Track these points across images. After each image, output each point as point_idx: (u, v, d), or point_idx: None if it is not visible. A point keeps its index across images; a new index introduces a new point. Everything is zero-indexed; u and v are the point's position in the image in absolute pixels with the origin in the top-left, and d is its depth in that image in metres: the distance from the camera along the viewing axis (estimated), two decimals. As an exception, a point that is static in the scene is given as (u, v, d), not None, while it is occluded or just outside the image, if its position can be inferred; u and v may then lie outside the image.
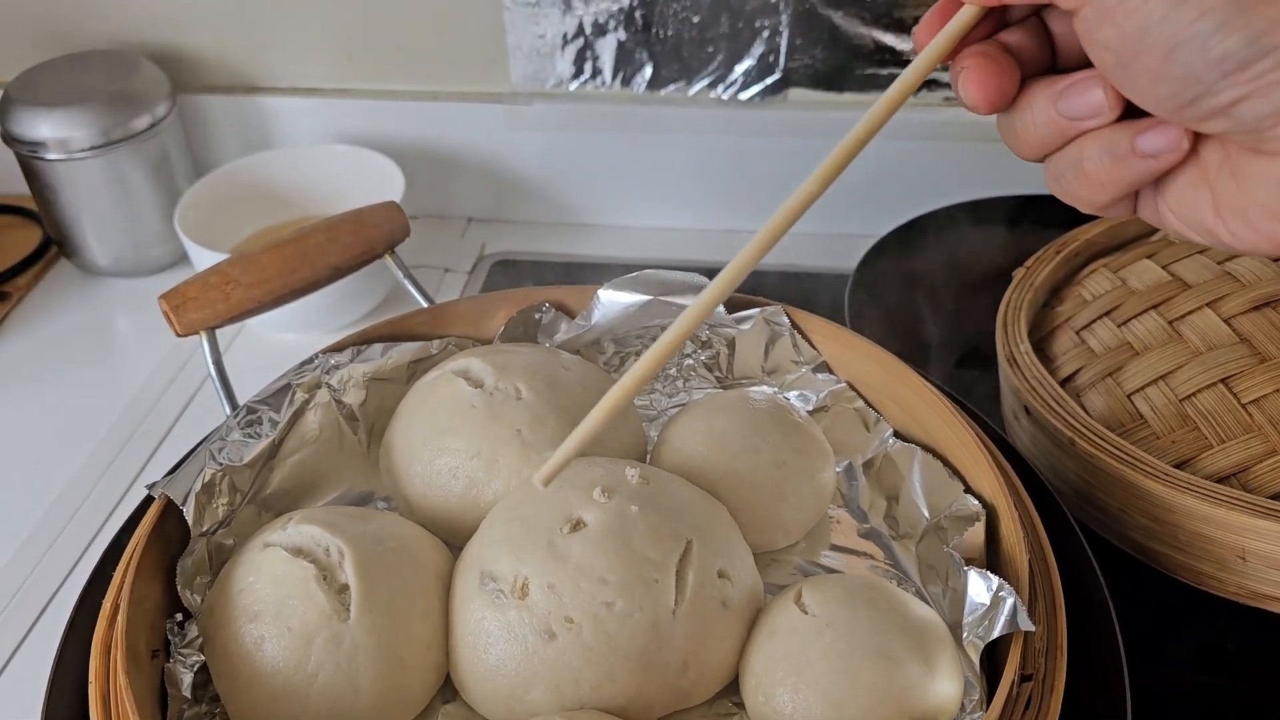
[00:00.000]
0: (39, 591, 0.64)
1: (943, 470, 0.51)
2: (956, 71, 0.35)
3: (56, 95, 0.82)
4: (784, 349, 0.58)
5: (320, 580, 0.44)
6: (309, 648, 0.43)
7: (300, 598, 0.44)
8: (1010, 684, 0.39)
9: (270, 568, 0.45)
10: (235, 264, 0.59)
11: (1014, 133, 0.36)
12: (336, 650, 0.43)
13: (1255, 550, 0.49)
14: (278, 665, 0.43)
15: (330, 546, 0.46)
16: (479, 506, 0.50)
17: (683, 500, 0.48)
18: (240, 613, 0.44)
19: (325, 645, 0.43)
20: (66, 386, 0.80)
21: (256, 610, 0.44)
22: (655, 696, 0.44)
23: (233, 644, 0.44)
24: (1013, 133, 0.36)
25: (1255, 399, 0.53)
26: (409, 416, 0.54)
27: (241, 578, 0.46)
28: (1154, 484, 0.51)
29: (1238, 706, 0.53)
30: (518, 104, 0.88)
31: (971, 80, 0.35)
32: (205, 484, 0.48)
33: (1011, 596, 0.42)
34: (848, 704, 0.42)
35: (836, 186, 0.88)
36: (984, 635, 0.42)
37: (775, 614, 0.46)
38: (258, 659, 0.43)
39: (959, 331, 0.74)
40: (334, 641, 0.43)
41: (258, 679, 0.43)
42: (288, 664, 0.43)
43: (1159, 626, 0.54)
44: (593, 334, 0.59)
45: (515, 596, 0.44)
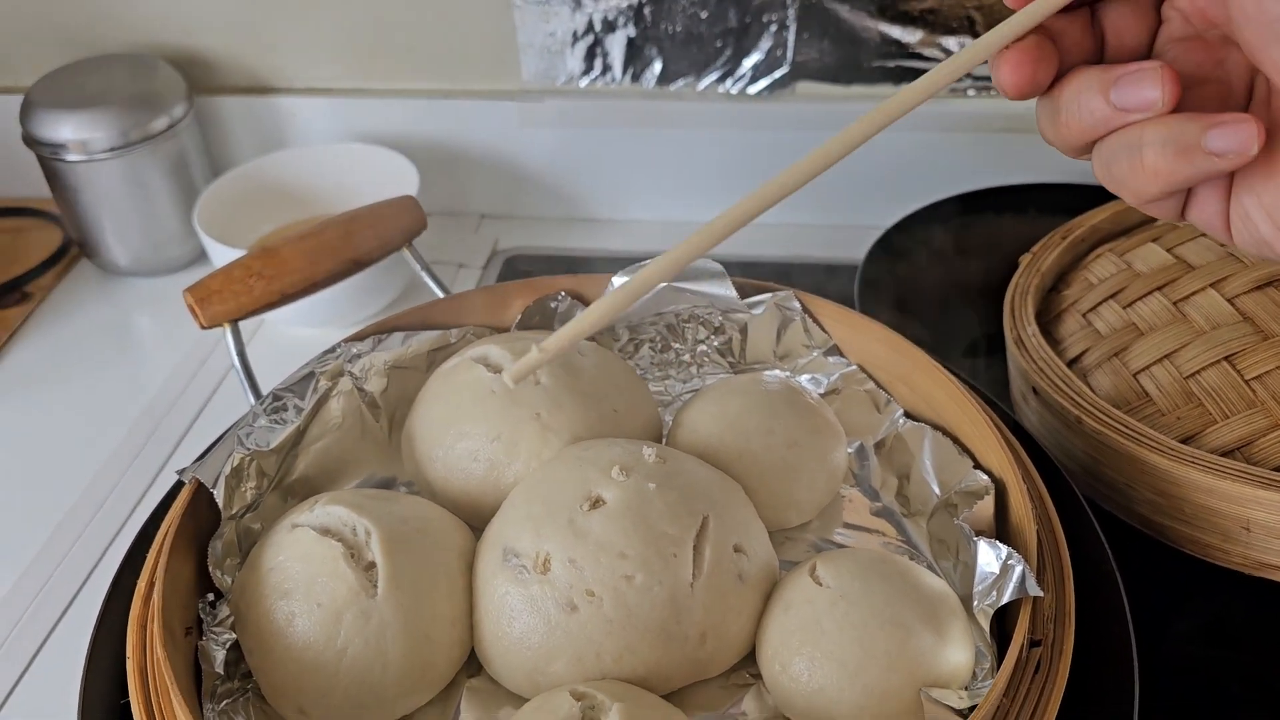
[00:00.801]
0: (68, 581, 0.65)
1: (952, 448, 0.52)
2: (994, 63, 0.35)
3: (76, 98, 0.84)
4: (795, 333, 0.59)
5: (348, 558, 0.46)
6: (338, 623, 0.44)
7: (329, 575, 0.45)
8: (1020, 647, 0.41)
9: (299, 547, 0.47)
10: (257, 258, 0.60)
11: (1056, 120, 0.35)
12: (365, 625, 0.45)
13: (1260, 521, 0.50)
14: (308, 640, 0.44)
15: (357, 526, 0.47)
16: (500, 488, 0.52)
17: (698, 478, 0.49)
18: (271, 590, 0.46)
19: (354, 620, 0.45)
20: (89, 384, 0.81)
21: (287, 588, 0.46)
22: (674, 667, 0.45)
23: (265, 621, 0.45)
24: (1054, 120, 0.35)
25: (1258, 375, 0.54)
26: (430, 403, 0.55)
27: (271, 557, 0.47)
28: (1160, 459, 0.52)
29: (1243, 677, 0.54)
30: (529, 101, 0.90)
31: (1007, 63, 0.34)
32: (234, 468, 0.50)
33: (1020, 564, 0.43)
34: (862, 671, 0.43)
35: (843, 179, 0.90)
36: (994, 602, 0.43)
37: (790, 587, 0.47)
38: (289, 634, 0.45)
39: (967, 319, 0.75)
40: (362, 617, 0.45)
41: (289, 653, 0.44)
42: (318, 639, 0.44)
43: (1166, 599, 0.55)
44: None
45: (537, 572, 0.45)
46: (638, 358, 0.62)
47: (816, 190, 0.93)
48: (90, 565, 0.66)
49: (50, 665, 0.61)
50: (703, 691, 0.47)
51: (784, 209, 0.98)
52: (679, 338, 0.62)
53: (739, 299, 0.59)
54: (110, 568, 0.51)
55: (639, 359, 0.62)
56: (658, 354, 0.62)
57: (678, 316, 0.61)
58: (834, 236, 0.89)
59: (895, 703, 0.43)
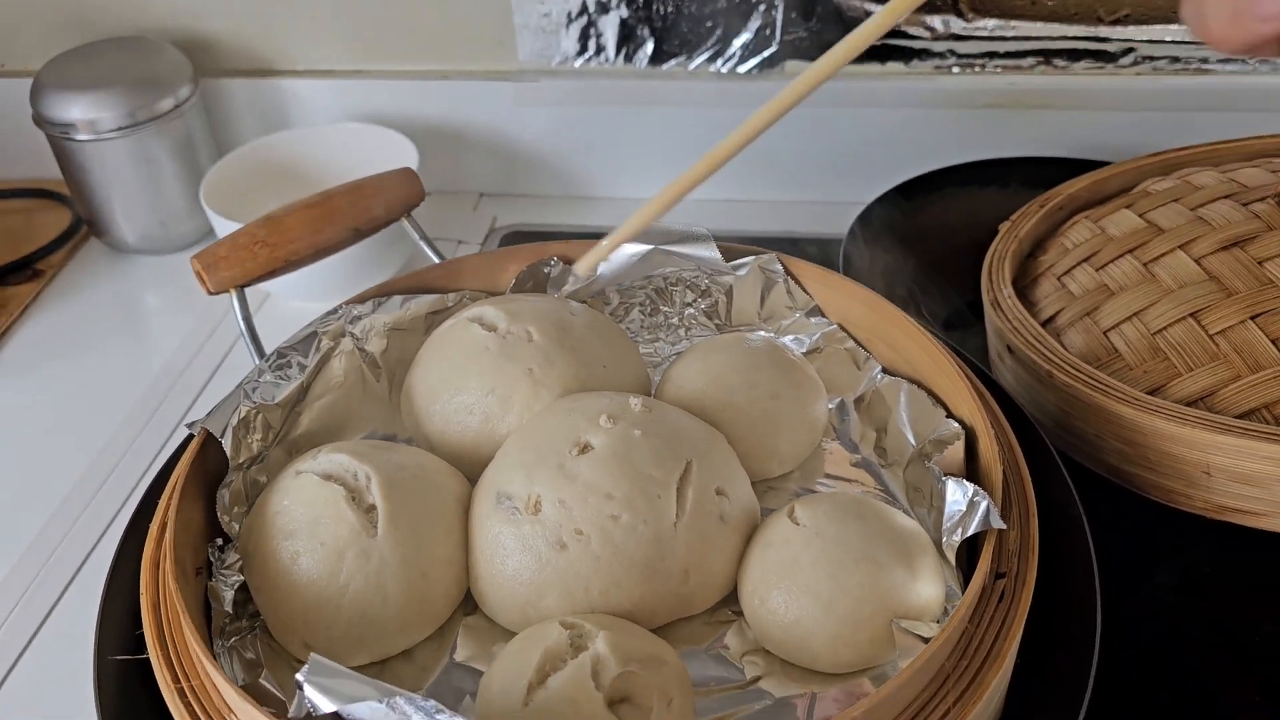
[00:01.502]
0: (80, 543, 0.68)
1: (927, 400, 0.54)
2: None
3: (85, 79, 0.86)
4: (779, 295, 0.62)
5: (349, 501, 0.48)
6: (340, 561, 0.47)
7: (331, 517, 0.48)
8: (984, 576, 0.43)
9: (303, 491, 0.49)
10: (262, 225, 0.63)
11: None
12: (366, 563, 0.47)
13: (1219, 465, 0.53)
14: (312, 577, 0.47)
15: (358, 471, 0.50)
16: (494, 439, 0.54)
17: (683, 426, 0.51)
18: (277, 532, 0.48)
19: (355, 559, 0.47)
20: (98, 359, 0.84)
21: (292, 529, 0.48)
22: (659, 603, 0.48)
23: (270, 560, 0.48)
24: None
25: (1222, 329, 0.57)
26: (428, 361, 0.58)
27: (277, 502, 0.49)
28: (1126, 409, 0.54)
29: (1205, 619, 0.56)
30: (525, 81, 0.92)
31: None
32: (241, 419, 0.52)
33: (985, 500, 0.45)
34: (836, 603, 0.45)
35: (830, 156, 0.92)
36: (961, 535, 0.46)
37: (770, 528, 0.49)
38: (294, 572, 0.47)
39: (949, 291, 0.77)
40: (363, 555, 0.47)
41: (294, 591, 0.47)
42: (321, 576, 0.47)
43: (1131, 543, 0.58)
44: (598, 284, 0.63)
45: (529, 513, 0.48)
46: (628, 321, 0.65)
47: (800, 167, 0.96)
48: (101, 528, 0.69)
49: (69, 613, 0.64)
50: (687, 627, 0.49)
51: (767, 186, 1.02)
52: (667, 301, 0.64)
53: (723, 261, 0.61)
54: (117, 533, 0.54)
55: (629, 322, 0.65)
56: (647, 317, 0.65)
57: (665, 280, 0.63)
58: (817, 212, 0.91)
59: (868, 632, 0.45)
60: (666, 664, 0.44)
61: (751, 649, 0.48)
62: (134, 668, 0.46)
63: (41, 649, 0.62)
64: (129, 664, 0.47)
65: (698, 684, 0.47)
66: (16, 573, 0.66)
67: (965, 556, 0.48)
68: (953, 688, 0.41)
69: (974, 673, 0.42)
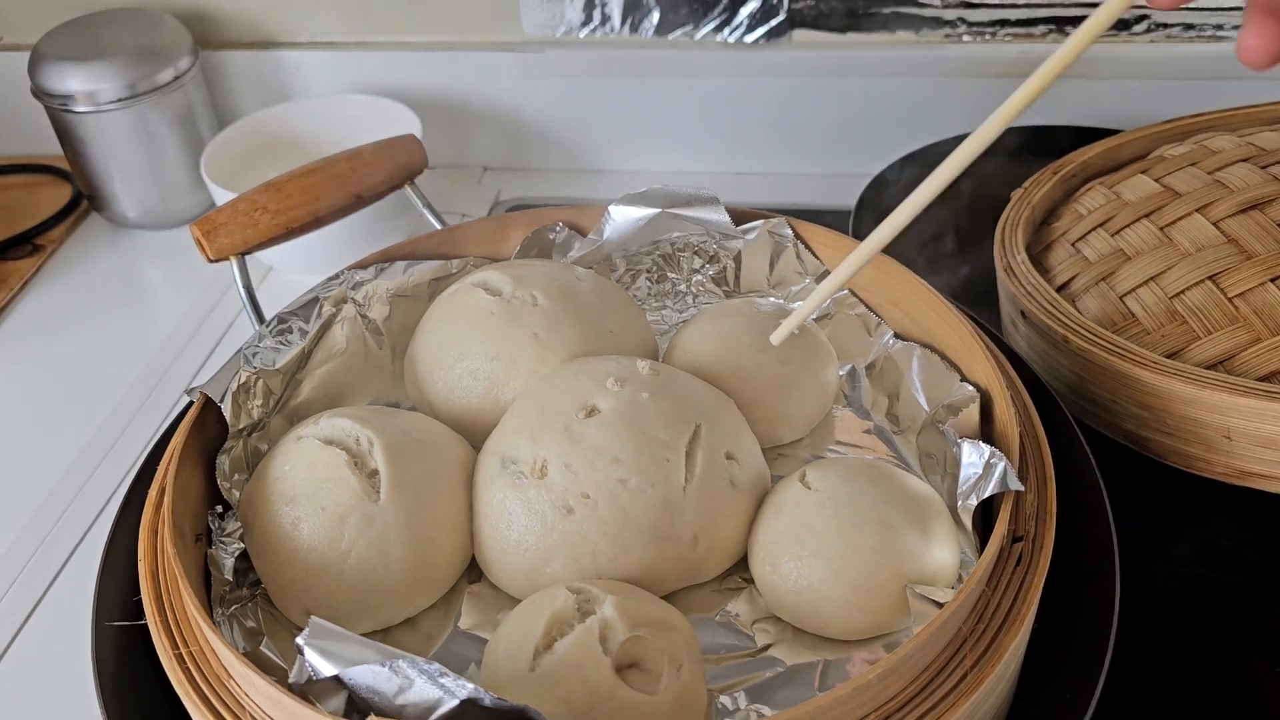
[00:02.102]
0: (80, 515, 0.67)
1: (940, 364, 0.53)
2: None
3: (84, 50, 0.85)
4: (789, 261, 0.61)
5: (351, 465, 0.47)
6: (342, 526, 0.46)
7: (333, 481, 0.47)
8: (1001, 539, 0.42)
9: (304, 456, 0.48)
10: (263, 192, 0.61)
11: None
12: (368, 529, 0.46)
13: (1240, 429, 0.51)
14: (314, 543, 0.46)
15: (360, 436, 0.49)
16: (499, 405, 0.53)
17: (691, 390, 0.50)
18: (277, 497, 0.47)
19: (358, 524, 0.46)
20: (98, 334, 0.83)
21: (293, 494, 0.47)
22: (668, 569, 0.47)
23: (271, 526, 0.47)
24: None
25: (1241, 292, 0.55)
26: (432, 327, 0.57)
27: (278, 466, 0.49)
28: (1144, 372, 0.53)
29: (1225, 587, 0.55)
30: (530, 52, 0.91)
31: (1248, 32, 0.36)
32: (241, 385, 0.51)
33: (1002, 461, 0.44)
34: (848, 568, 0.44)
35: (839, 127, 0.91)
36: (978, 498, 0.44)
37: (781, 492, 0.48)
38: (295, 538, 0.46)
39: (962, 261, 0.76)
40: (366, 521, 0.46)
41: (296, 556, 0.46)
42: (322, 541, 0.46)
43: (1150, 511, 0.56)
44: (604, 250, 0.62)
45: (535, 477, 0.47)
46: (635, 288, 0.64)
47: (808, 138, 0.95)
48: (105, 498, 0.68)
49: (71, 584, 0.63)
50: (697, 595, 0.48)
51: (775, 157, 1.00)
52: (675, 267, 0.63)
53: (732, 225, 0.60)
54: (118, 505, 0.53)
55: (636, 289, 0.64)
56: (654, 284, 0.64)
57: (673, 245, 0.62)
58: (826, 184, 0.90)
59: (881, 597, 0.44)
60: (676, 629, 0.43)
61: (762, 616, 0.47)
62: (133, 635, 0.45)
63: (43, 621, 0.61)
64: (128, 631, 0.46)
65: (708, 652, 0.46)
66: (19, 544, 0.65)
67: (981, 522, 0.47)
68: (970, 651, 0.40)
69: (991, 636, 0.41)
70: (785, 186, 0.91)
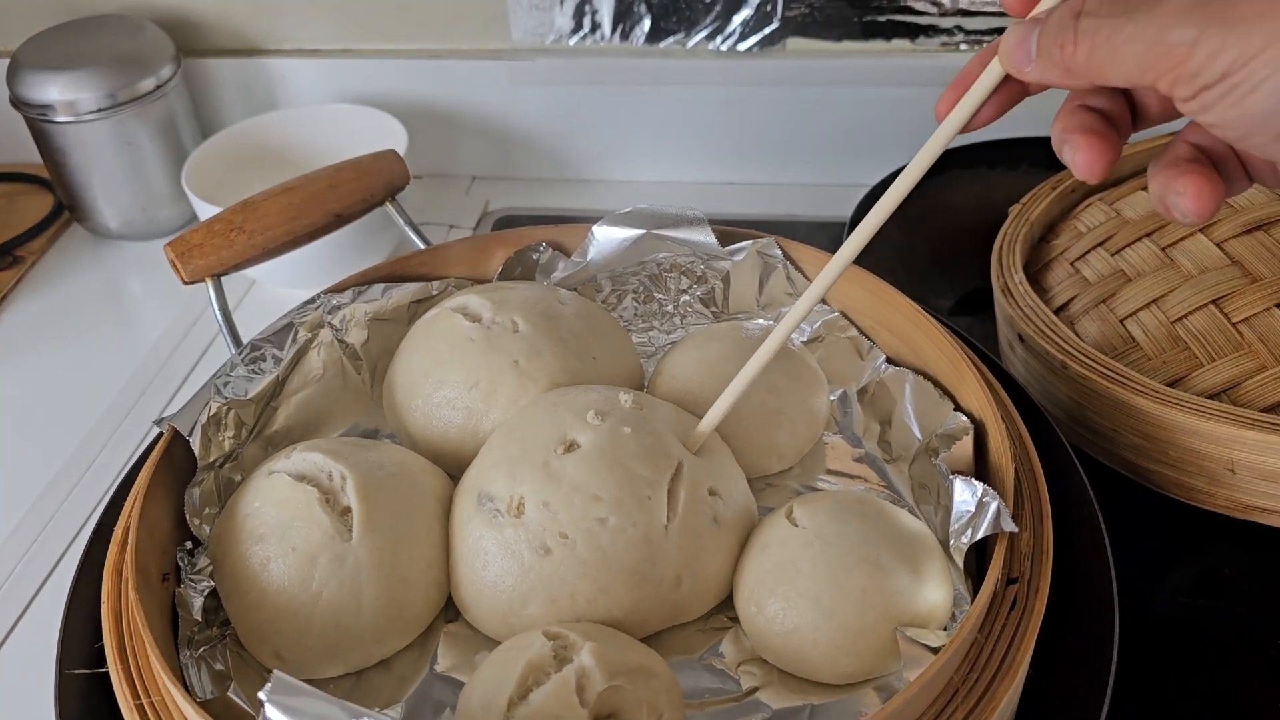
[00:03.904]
0: (58, 537, 0.66)
1: (933, 391, 0.52)
2: (1060, 144, 0.37)
3: (64, 59, 0.84)
4: (778, 282, 0.59)
5: (323, 503, 0.46)
6: (313, 566, 0.44)
7: (304, 520, 0.45)
8: (995, 582, 0.40)
9: (274, 492, 0.46)
10: (239, 211, 0.60)
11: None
12: (340, 569, 0.45)
13: (1244, 462, 0.50)
14: (283, 584, 0.44)
15: (333, 471, 0.47)
16: (478, 436, 0.51)
17: (674, 423, 0.49)
18: (247, 536, 0.46)
19: (329, 564, 0.45)
20: (80, 347, 0.81)
21: (262, 533, 0.45)
22: (650, 610, 0.45)
23: (240, 565, 0.45)
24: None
25: (1245, 318, 0.54)
26: (409, 353, 0.55)
27: (248, 503, 0.47)
28: (1145, 402, 0.52)
29: (1228, 622, 0.53)
30: (519, 60, 0.89)
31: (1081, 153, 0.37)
32: (211, 416, 0.50)
33: (995, 501, 0.43)
34: (836, 609, 0.43)
35: (833, 137, 0.89)
36: (970, 538, 0.43)
37: (767, 529, 0.47)
38: (264, 579, 0.45)
39: (958, 275, 0.74)
40: (337, 561, 0.45)
41: (265, 597, 0.44)
42: (293, 582, 0.44)
43: (1151, 544, 0.55)
44: (589, 271, 0.60)
45: (511, 515, 0.45)
46: (621, 308, 0.62)
47: (801, 148, 0.93)
48: (80, 523, 0.67)
49: (42, 615, 0.61)
50: (680, 635, 0.47)
51: (767, 168, 0.98)
52: (662, 288, 0.61)
53: (719, 246, 0.59)
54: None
55: (622, 310, 0.62)
56: (641, 305, 0.62)
57: (659, 266, 0.61)
58: (819, 195, 0.88)
59: (871, 641, 0.43)
60: (656, 676, 0.41)
61: (748, 658, 0.46)
62: (97, 681, 0.44)
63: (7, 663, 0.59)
64: (92, 677, 0.44)
65: (691, 696, 0.44)
66: None
67: (975, 560, 0.46)
68: (962, 703, 0.39)
69: (985, 686, 0.39)
70: (778, 197, 0.90)
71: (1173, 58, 0.30)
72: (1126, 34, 0.31)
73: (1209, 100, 0.31)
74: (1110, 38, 0.32)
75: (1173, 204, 0.35)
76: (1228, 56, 0.29)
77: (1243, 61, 0.29)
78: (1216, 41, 0.29)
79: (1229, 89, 0.30)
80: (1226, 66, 0.30)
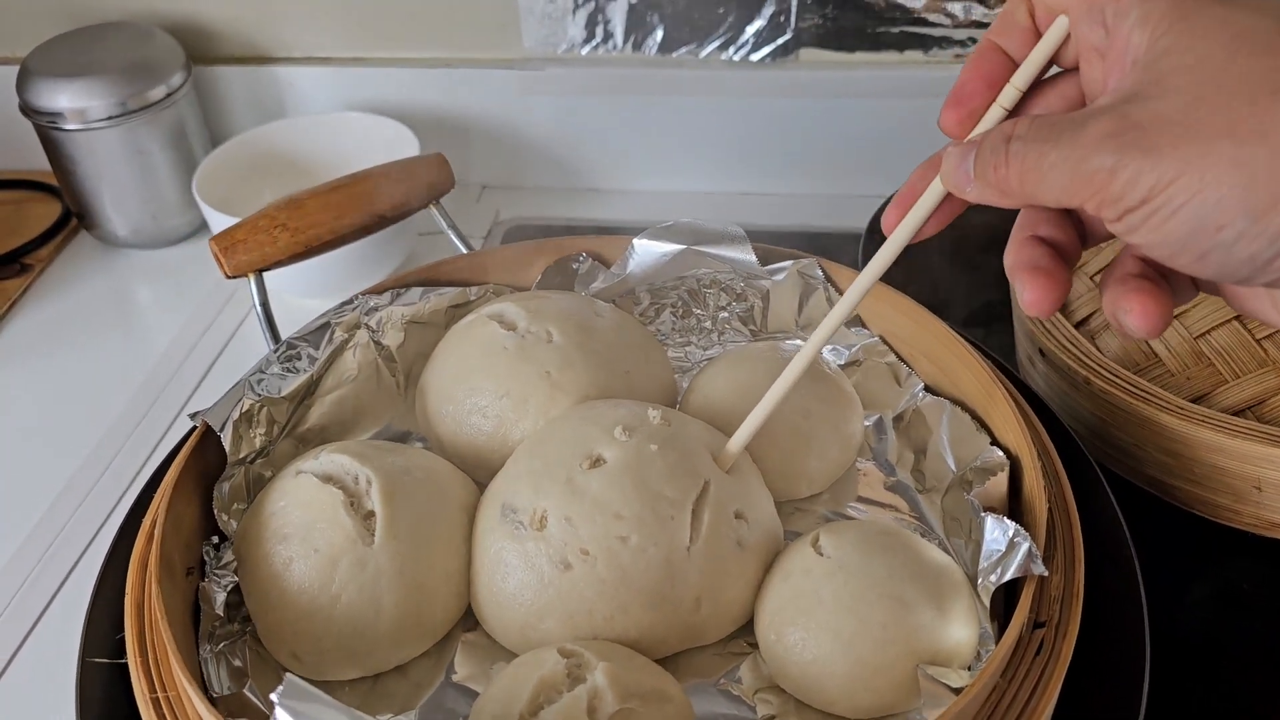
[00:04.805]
0: (73, 541, 0.66)
1: (970, 424, 0.51)
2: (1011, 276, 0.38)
3: (73, 66, 0.83)
4: (818, 303, 0.58)
5: (347, 506, 0.46)
6: (334, 569, 0.45)
7: (328, 522, 0.45)
8: (1020, 627, 0.39)
9: (301, 493, 0.47)
10: (283, 209, 0.60)
11: None
12: (360, 573, 0.45)
13: (1270, 480, 0.50)
14: (304, 585, 0.44)
15: (359, 475, 0.47)
16: (507, 445, 0.51)
17: (702, 442, 0.48)
18: (271, 535, 0.46)
19: (349, 568, 0.45)
20: (88, 355, 0.80)
21: (286, 533, 0.46)
22: (668, 632, 0.45)
23: (263, 564, 0.46)
24: None
25: (1270, 334, 0.54)
26: (444, 358, 0.55)
27: (274, 502, 0.47)
28: (1170, 418, 0.52)
29: (1254, 640, 0.53)
30: (530, 69, 0.89)
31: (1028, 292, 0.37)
32: (243, 413, 0.50)
33: (1026, 542, 0.41)
34: (856, 643, 0.42)
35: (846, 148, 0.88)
36: (997, 579, 0.42)
37: (791, 556, 0.46)
38: (285, 578, 0.45)
39: (974, 285, 0.74)
40: (358, 564, 0.45)
41: (285, 597, 0.45)
42: (313, 584, 0.44)
43: (1176, 561, 0.54)
44: (628, 283, 0.60)
45: (534, 528, 0.45)
46: (658, 322, 0.61)
47: (816, 159, 0.92)
48: (94, 529, 0.66)
49: (62, 613, 0.61)
50: (698, 658, 0.46)
51: (783, 179, 0.98)
52: (700, 304, 0.61)
53: (758, 265, 0.58)
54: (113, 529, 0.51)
55: (660, 323, 0.61)
56: (679, 319, 0.61)
57: (699, 281, 0.60)
58: (835, 206, 0.87)
59: (890, 677, 0.42)
60: (670, 700, 0.41)
61: (765, 685, 0.45)
62: (117, 672, 0.44)
63: (33, 651, 0.60)
64: (113, 668, 0.44)
65: (705, 721, 0.44)
66: (8, 572, 0.64)
67: (1004, 599, 0.45)
68: (980, 748, 0.38)
69: (1005, 731, 0.38)
70: (792, 208, 0.89)
71: (1094, 183, 0.31)
72: (1051, 160, 0.32)
73: (1134, 223, 0.31)
74: (1038, 162, 0.33)
75: (1122, 320, 0.35)
76: (1146, 183, 0.30)
77: (1160, 188, 0.30)
78: (1133, 168, 0.30)
79: (1150, 213, 0.31)
80: (1145, 192, 0.30)
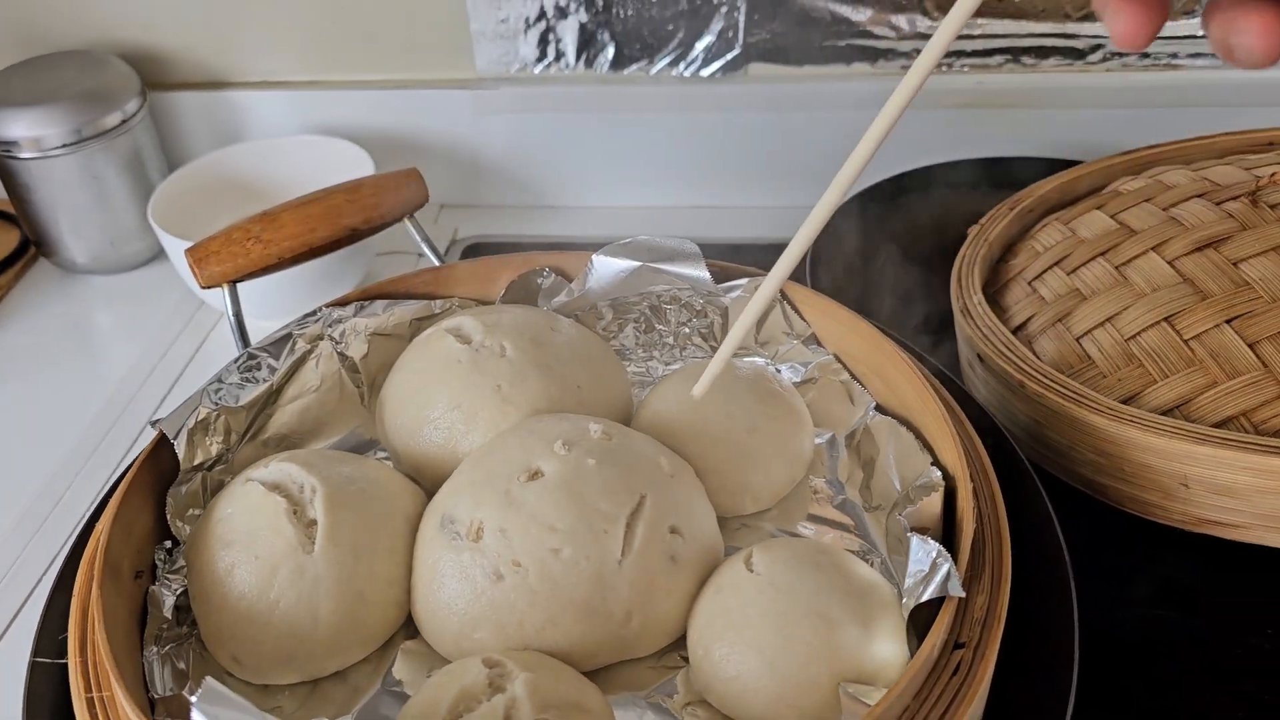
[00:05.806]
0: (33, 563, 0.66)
1: (915, 443, 0.51)
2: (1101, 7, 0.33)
3: (28, 95, 0.83)
4: (776, 320, 0.59)
5: (290, 514, 0.47)
6: (273, 576, 0.46)
7: (270, 529, 0.46)
8: (933, 646, 0.39)
9: (247, 500, 0.48)
10: (256, 221, 0.62)
11: None
12: (299, 580, 0.46)
13: (1196, 477, 0.50)
14: (244, 591, 0.46)
15: (304, 483, 0.48)
16: (457, 457, 0.52)
17: (644, 457, 0.49)
18: (216, 540, 0.47)
19: (288, 575, 0.46)
20: (48, 382, 0.81)
21: (230, 539, 0.47)
22: (598, 644, 0.45)
23: (208, 569, 0.47)
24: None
25: (1197, 334, 0.54)
26: (401, 370, 0.56)
27: (222, 509, 0.48)
28: (1100, 419, 0.52)
29: (1184, 634, 0.54)
30: (484, 89, 0.90)
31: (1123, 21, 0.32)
32: (199, 421, 0.51)
33: (947, 563, 0.42)
34: (780, 661, 0.42)
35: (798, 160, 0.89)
36: (917, 599, 0.42)
37: (724, 572, 0.46)
38: (227, 584, 0.46)
39: (919, 295, 0.74)
40: (297, 572, 0.46)
41: (226, 602, 0.46)
42: (252, 590, 0.45)
43: (1108, 558, 0.55)
44: (589, 299, 0.61)
45: (470, 539, 0.46)
46: (621, 337, 0.62)
47: (767, 172, 0.93)
48: (55, 548, 0.67)
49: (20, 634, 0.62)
50: (632, 671, 0.47)
51: (732, 191, 0.98)
52: (662, 319, 0.62)
53: (713, 282, 0.58)
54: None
55: (623, 338, 0.62)
56: (642, 334, 0.62)
57: (659, 298, 0.61)
58: (786, 217, 0.86)
59: (814, 695, 0.42)
60: (589, 712, 0.41)
61: (696, 700, 0.45)
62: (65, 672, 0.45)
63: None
64: (61, 668, 0.46)
65: (630, 733, 0.44)
66: None
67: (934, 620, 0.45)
68: (889, 768, 0.38)
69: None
70: (747, 220, 0.90)
71: None
72: None
73: None
74: None
75: (1236, 44, 0.31)
76: None
77: None
78: None
79: None
80: None
